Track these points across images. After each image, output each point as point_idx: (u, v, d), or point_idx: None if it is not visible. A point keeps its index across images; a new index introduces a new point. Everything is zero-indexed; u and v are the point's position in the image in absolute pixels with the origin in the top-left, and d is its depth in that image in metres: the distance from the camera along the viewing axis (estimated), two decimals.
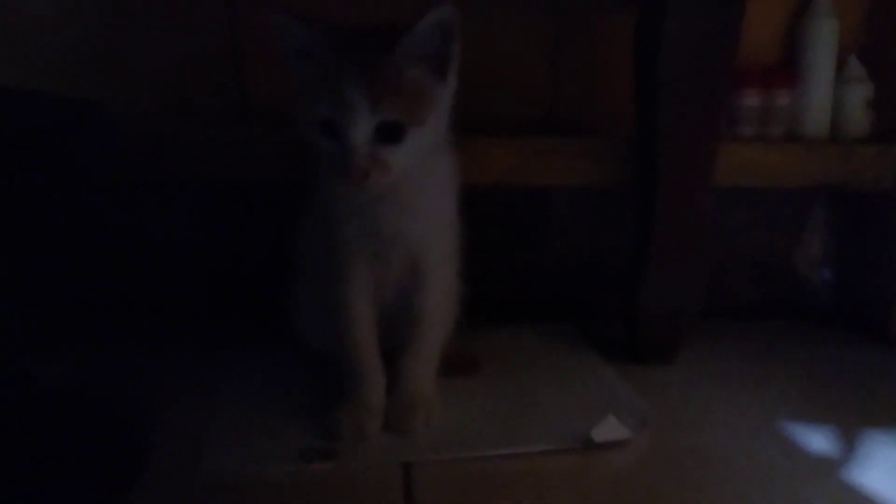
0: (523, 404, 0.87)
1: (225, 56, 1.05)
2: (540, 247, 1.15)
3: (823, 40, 1.08)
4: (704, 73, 0.89)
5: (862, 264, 1.17)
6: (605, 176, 1.02)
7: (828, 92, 1.09)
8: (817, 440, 0.82)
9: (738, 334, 1.13)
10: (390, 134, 0.69)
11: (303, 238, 0.89)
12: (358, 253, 0.78)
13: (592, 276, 1.15)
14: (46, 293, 0.89)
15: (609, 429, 0.78)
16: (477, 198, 0.84)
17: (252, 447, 0.76)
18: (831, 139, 1.10)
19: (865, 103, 1.10)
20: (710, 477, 0.74)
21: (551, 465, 0.76)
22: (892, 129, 1.09)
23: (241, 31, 1.04)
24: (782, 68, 1.10)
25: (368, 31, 0.70)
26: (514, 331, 1.08)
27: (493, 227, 1.13)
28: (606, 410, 0.82)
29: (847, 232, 1.19)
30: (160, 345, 1.02)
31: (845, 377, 1.01)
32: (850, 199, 1.16)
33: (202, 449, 0.76)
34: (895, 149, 1.07)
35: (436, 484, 0.72)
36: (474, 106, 0.81)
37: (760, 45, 1.11)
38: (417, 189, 0.76)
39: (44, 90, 0.82)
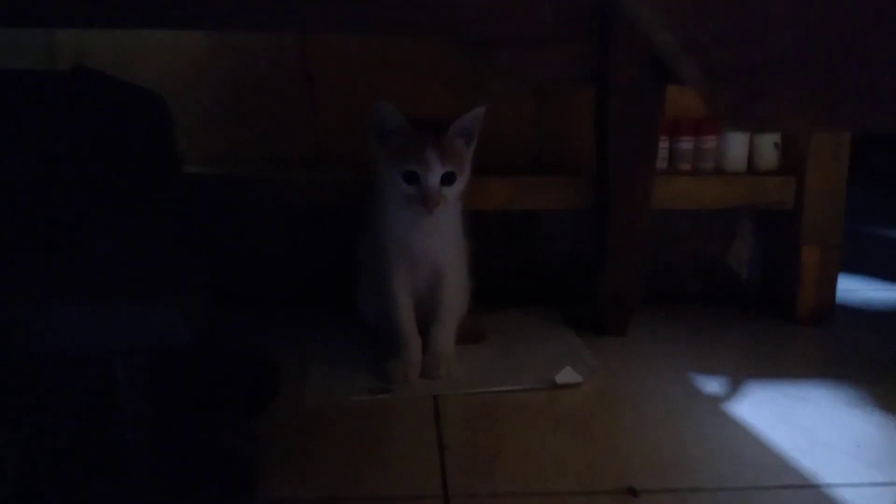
0: (513, 360, 1.28)
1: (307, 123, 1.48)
2: (532, 251, 1.56)
3: None
4: (639, 131, 1.30)
5: (776, 263, 1.56)
6: (577, 201, 1.43)
7: (745, 136, 1.48)
8: (712, 385, 1.21)
9: (680, 316, 1.52)
10: (448, 179, 1.13)
11: (362, 250, 1.31)
12: (399, 262, 1.20)
13: (570, 272, 1.56)
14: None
15: (567, 375, 1.19)
16: (486, 218, 1.27)
17: (338, 384, 1.19)
18: (747, 172, 1.49)
19: (773, 144, 1.48)
20: (636, 409, 1.15)
21: (530, 398, 1.17)
22: (792, 164, 1.47)
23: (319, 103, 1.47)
24: (710, 120, 1.49)
25: (430, 119, 1.15)
26: (511, 312, 1.49)
27: (498, 238, 1.55)
28: (566, 363, 1.23)
29: (765, 239, 1.58)
30: (271, 323, 1.46)
31: (754, 345, 1.40)
32: (766, 215, 1.55)
33: (305, 382, 1.19)
34: (792, 179, 1.45)
35: (454, 409, 1.13)
36: (483, 154, 1.22)
37: (694, 101, 1.50)
38: (438, 223, 1.18)
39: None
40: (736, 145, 1.48)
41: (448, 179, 1.13)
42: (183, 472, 0.80)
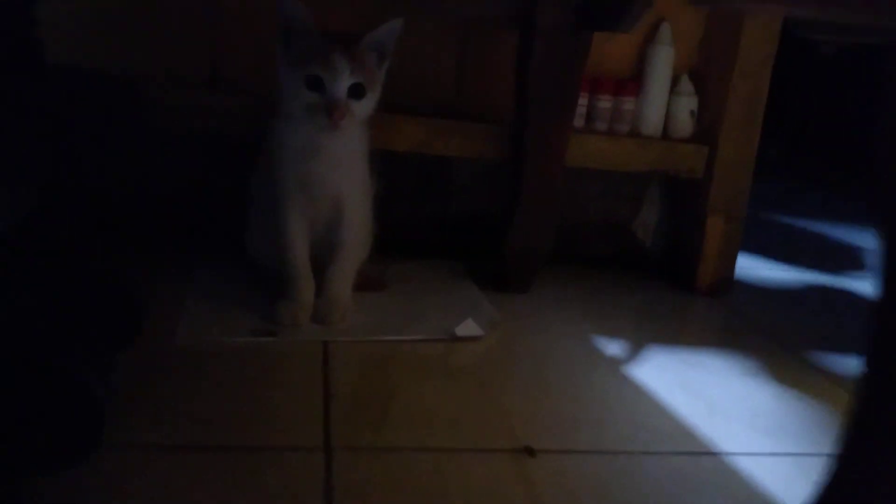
0: (413, 311, 1.21)
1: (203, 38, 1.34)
2: (444, 203, 1.49)
3: (662, 62, 1.44)
4: (561, 80, 1.24)
5: (681, 232, 1.55)
6: (491, 151, 1.36)
7: (663, 101, 1.45)
8: (613, 347, 1.19)
9: (584, 277, 1.50)
10: (357, 92, 1.03)
11: (255, 179, 1.20)
12: (295, 192, 1.10)
13: (481, 229, 1.49)
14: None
15: (468, 327, 1.13)
16: (398, 161, 1.17)
17: (215, 324, 1.08)
18: (662, 137, 1.46)
19: (690, 112, 1.46)
20: (534, 365, 1.10)
21: (427, 350, 1.11)
22: (705, 133, 1.46)
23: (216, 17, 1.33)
24: (630, 81, 1.45)
25: (341, 32, 1.05)
26: (418, 264, 1.42)
27: (409, 184, 1.46)
28: (467, 316, 1.17)
29: (672, 207, 1.57)
30: (153, 249, 1.33)
31: (654, 311, 1.39)
32: (676, 183, 1.54)
33: (178, 321, 1.07)
34: (705, 149, 1.44)
35: (345, 357, 1.05)
36: (396, 89, 1.13)
37: (616, 62, 1.46)
38: (339, 146, 1.08)
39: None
40: (654, 109, 1.45)
41: (356, 92, 1.03)
42: (19, 408, 0.68)
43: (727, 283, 1.51)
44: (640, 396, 1.03)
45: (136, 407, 0.85)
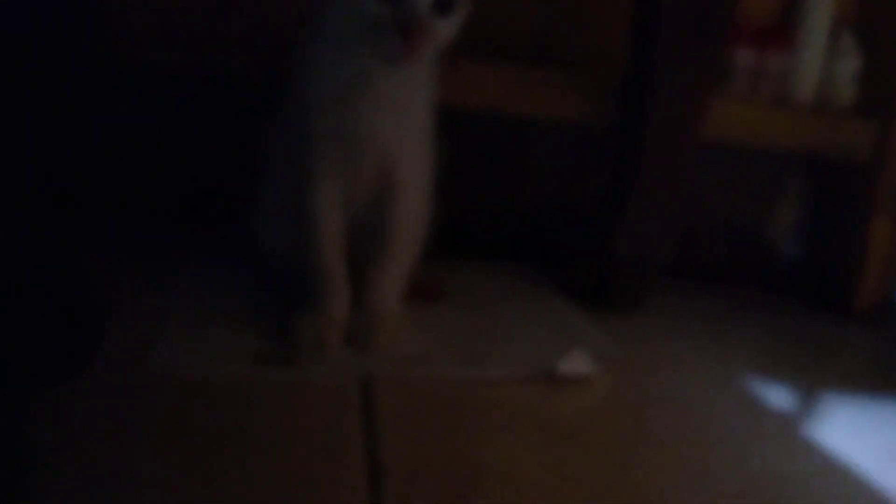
0: (486, 333, 0.84)
1: None
2: (517, 186, 1.12)
3: (820, 8, 1.07)
4: (708, 13, 0.87)
5: (830, 237, 1.17)
6: (592, 113, 0.99)
7: (819, 60, 1.08)
8: (776, 397, 0.82)
9: (703, 294, 1.12)
10: (443, 6, 0.67)
11: (272, 133, 0.83)
12: (329, 153, 0.74)
13: (566, 219, 1.13)
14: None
15: (575, 361, 0.77)
16: (458, 128, 0.81)
17: (204, 346, 0.72)
18: (816, 107, 1.09)
19: (852, 76, 1.09)
20: (671, 424, 0.74)
21: (513, 394, 0.74)
22: (874, 104, 1.08)
23: None
24: (777, 30, 1.09)
25: None
26: (482, 268, 1.05)
27: (472, 160, 1.10)
28: (571, 344, 0.81)
29: (819, 203, 1.19)
30: (124, 235, 0.96)
31: (806, 345, 1.01)
32: (826, 170, 1.16)
33: (153, 342, 0.71)
34: (875, 124, 1.07)
35: (396, 402, 0.69)
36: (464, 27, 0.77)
37: (757, 3, 1.09)
38: (400, 89, 0.73)
39: None
40: (809, 69, 1.08)
41: (443, 6, 0.67)
42: None
43: (893, 306, 1.13)
44: (811, 451, 0.70)
45: (63, 474, 0.50)
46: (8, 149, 0.93)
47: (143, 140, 1.03)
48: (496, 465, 0.62)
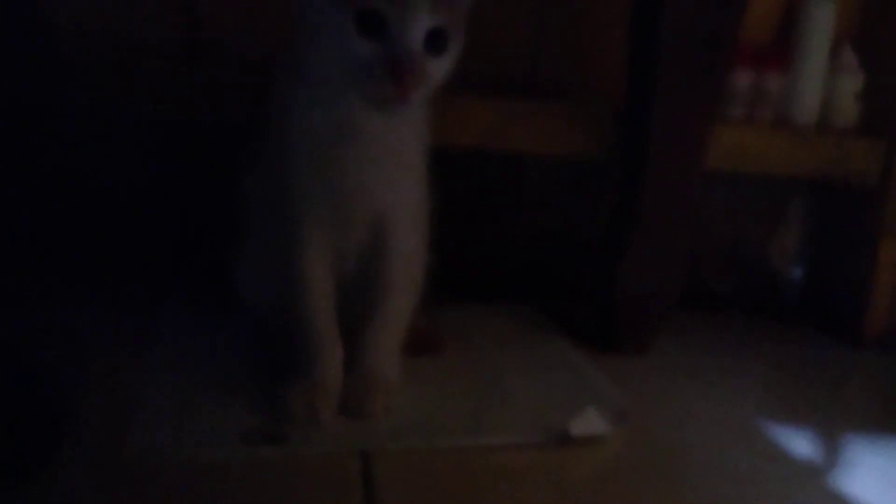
0: (491, 391, 0.79)
1: None
2: (511, 220, 1.07)
3: (820, 24, 1.02)
4: (710, 40, 0.83)
5: (837, 262, 1.13)
6: (589, 145, 0.94)
7: (820, 79, 1.04)
8: (793, 442, 0.77)
9: (709, 326, 1.08)
10: (437, 42, 0.62)
11: (250, 184, 0.78)
12: (316, 207, 0.68)
13: (563, 254, 1.08)
14: None
15: (587, 422, 0.71)
16: (447, 162, 0.75)
17: (187, 425, 0.66)
18: (819, 128, 1.05)
19: (855, 94, 1.05)
20: (693, 478, 0.69)
21: (524, 460, 0.68)
22: (879, 122, 1.04)
23: None
24: (775, 49, 1.04)
25: None
26: (478, 310, 0.99)
27: (462, 195, 1.04)
28: (581, 401, 0.75)
29: (824, 227, 1.15)
30: (89, 297, 0.89)
31: (820, 378, 0.97)
32: (831, 193, 1.12)
33: (130, 423, 0.65)
34: (882, 144, 1.03)
35: (399, 476, 0.64)
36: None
37: (754, 22, 1.04)
38: (389, 136, 0.67)
39: None
40: (809, 89, 1.04)
41: (436, 42, 0.62)
42: None
43: None
44: None
45: None
46: None
47: (110, 190, 0.96)
48: None
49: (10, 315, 0.81)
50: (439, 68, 0.63)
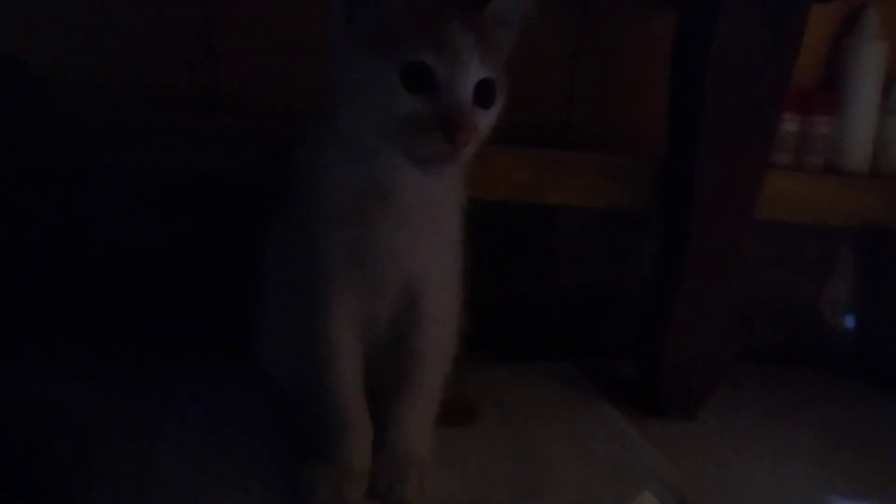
0: (533, 468, 0.72)
1: (195, 32, 0.89)
2: (544, 273, 1.02)
3: (869, 65, 0.97)
4: (758, 88, 0.77)
5: (889, 312, 1.06)
6: (628, 198, 0.89)
7: (871, 121, 0.98)
8: None
9: (757, 382, 1.01)
10: (486, 94, 0.57)
11: (273, 247, 0.73)
12: (345, 273, 0.63)
13: (600, 309, 1.02)
14: None
15: None
16: (475, 213, 0.70)
17: None
18: (871, 173, 0.99)
19: None
20: None
21: None
22: None
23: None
24: (823, 92, 0.99)
25: None
26: (512, 371, 0.93)
27: (493, 248, 0.99)
28: (633, 479, 0.69)
29: (876, 276, 1.08)
30: (96, 366, 0.84)
31: (878, 440, 0.89)
32: (883, 240, 1.06)
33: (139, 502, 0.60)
34: None
35: None
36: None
37: (799, 65, 0.99)
38: (425, 196, 0.63)
39: None
40: (860, 133, 0.98)
41: (485, 94, 0.57)
42: None
43: None
44: None
45: None
46: None
47: (126, 247, 0.93)
48: None
49: (24, 375, 0.77)
50: (488, 121, 0.59)
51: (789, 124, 0.96)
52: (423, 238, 0.64)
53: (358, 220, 0.62)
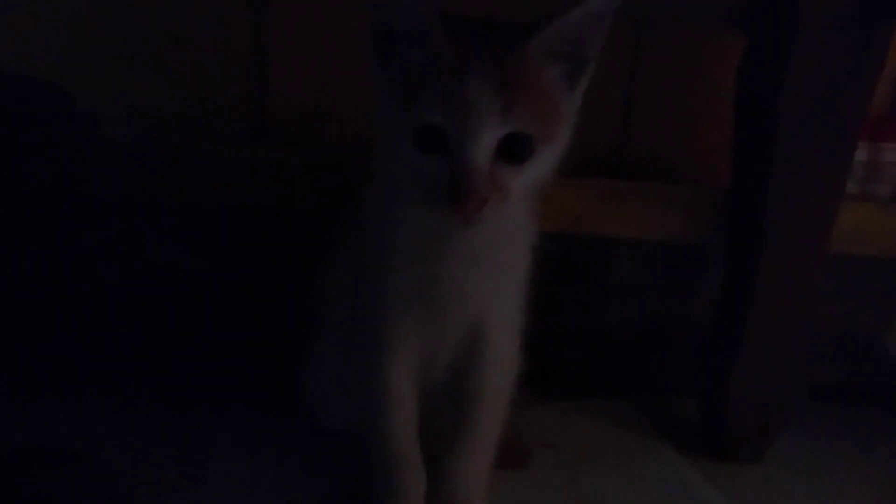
0: None
1: (245, 60, 0.87)
2: (597, 307, 0.97)
3: None
4: (836, 114, 0.73)
5: None
6: (689, 228, 0.85)
7: None
8: None
9: (821, 422, 0.95)
10: (516, 150, 0.53)
11: (327, 284, 0.70)
12: (408, 315, 0.60)
13: (656, 345, 0.98)
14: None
15: None
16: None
17: None
18: None
19: None
20: None
21: None
22: None
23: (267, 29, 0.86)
24: (891, 118, 0.94)
25: (494, 23, 0.55)
26: (565, 409, 0.89)
27: (545, 280, 0.95)
28: None
29: None
30: (134, 407, 0.81)
31: None
32: None
33: None
34: None
35: None
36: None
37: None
38: (493, 236, 0.59)
39: None
40: None
41: (515, 150, 0.53)
42: None
43: None
44: None
45: None
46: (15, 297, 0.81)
47: (171, 281, 0.90)
48: None
49: (53, 419, 0.74)
50: (522, 177, 0.54)
51: (858, 152, 0.91)
52: (492, 279, 0.60)
53: (426, 258, 0.58)
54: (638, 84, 0.92)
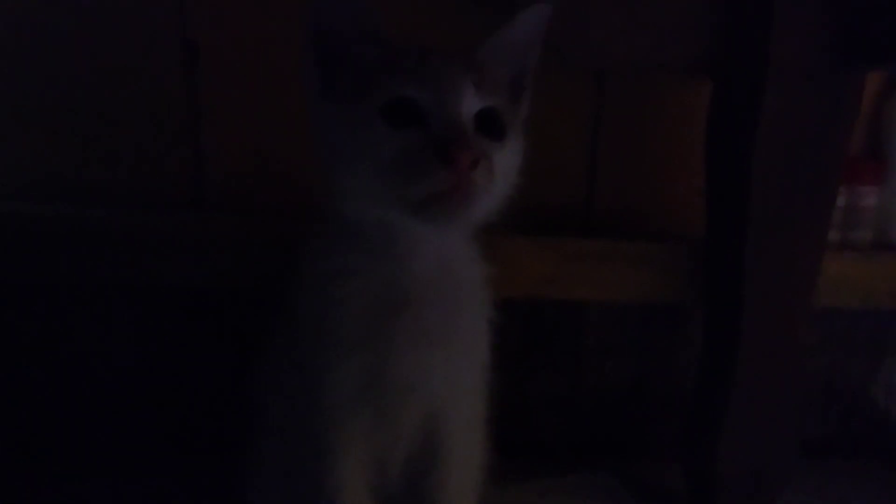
0: None
1: (178, 125, 0.80)
2: (571, 370, 0.91)
3: None
4: (813, 162, 0.69)
5: None
6: (661, 288, 0.80)
7: None
8: None
9: (809, 478, 0.89)
10: (492, 128, 0.50)
11: (269, 374, 0.63)
12: (355, 413, 0.53)
13: (637, 408, 0.92)
14: None
15: None
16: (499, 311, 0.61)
17: None
18: None
19: None
20: None
21: None
22: None
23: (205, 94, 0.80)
24: (867, 161, 0.91)
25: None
26: (542, 487, 0.82)
27: (514, 344, 0.89)
28: None
29: None
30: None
31: None
32: None
33: None
34: None
35: None
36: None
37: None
38: (448, 302, 0.53)
39: None
40: None
41: (491, 126, 0.50)
42: None
43: None
44: None
45: None
46: None
47: (101, 370, 0.82)
48: None
49: None
50: (503, 159, 0.50)
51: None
52: (448, 362, 0.54)
53: (372, 340, 0.52)
54: (603, 134, 0.87)
